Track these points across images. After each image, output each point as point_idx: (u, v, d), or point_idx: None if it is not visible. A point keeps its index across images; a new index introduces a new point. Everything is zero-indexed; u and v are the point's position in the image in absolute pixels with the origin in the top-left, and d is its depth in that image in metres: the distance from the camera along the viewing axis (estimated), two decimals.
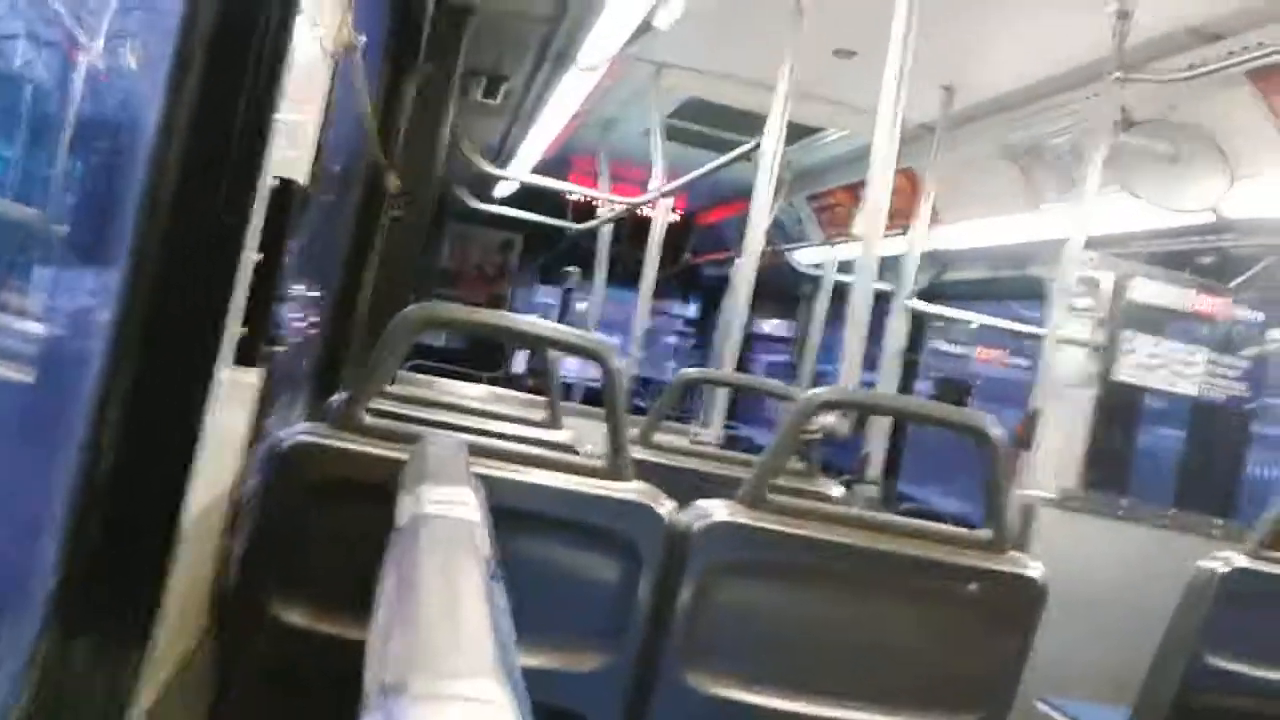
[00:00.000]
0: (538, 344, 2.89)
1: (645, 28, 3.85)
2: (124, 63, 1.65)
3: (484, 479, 1.65)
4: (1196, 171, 3.52)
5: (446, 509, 1.19)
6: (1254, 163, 3.40)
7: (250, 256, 1.48)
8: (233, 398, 1.60)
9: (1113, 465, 4.17)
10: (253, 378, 1.73)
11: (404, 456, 1.64)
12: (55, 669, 1.25)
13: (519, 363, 10.39)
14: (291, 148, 1.67)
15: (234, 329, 1.47)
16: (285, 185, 1.57)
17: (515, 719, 0.66)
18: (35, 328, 1.53)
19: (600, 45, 4.16)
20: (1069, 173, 4.23)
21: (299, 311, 3.08)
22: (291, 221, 1.60)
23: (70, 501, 1.30)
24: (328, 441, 1.80)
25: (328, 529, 1.79)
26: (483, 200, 7.56)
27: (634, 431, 2.43)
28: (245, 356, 1.53)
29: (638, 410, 3.84)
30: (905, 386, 5.75)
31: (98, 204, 1.62)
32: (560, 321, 8.11)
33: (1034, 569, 1.99)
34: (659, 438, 3.06)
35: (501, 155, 7.19)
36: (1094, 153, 3.43)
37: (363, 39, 2.09)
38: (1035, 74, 3.96)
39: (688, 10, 3.68)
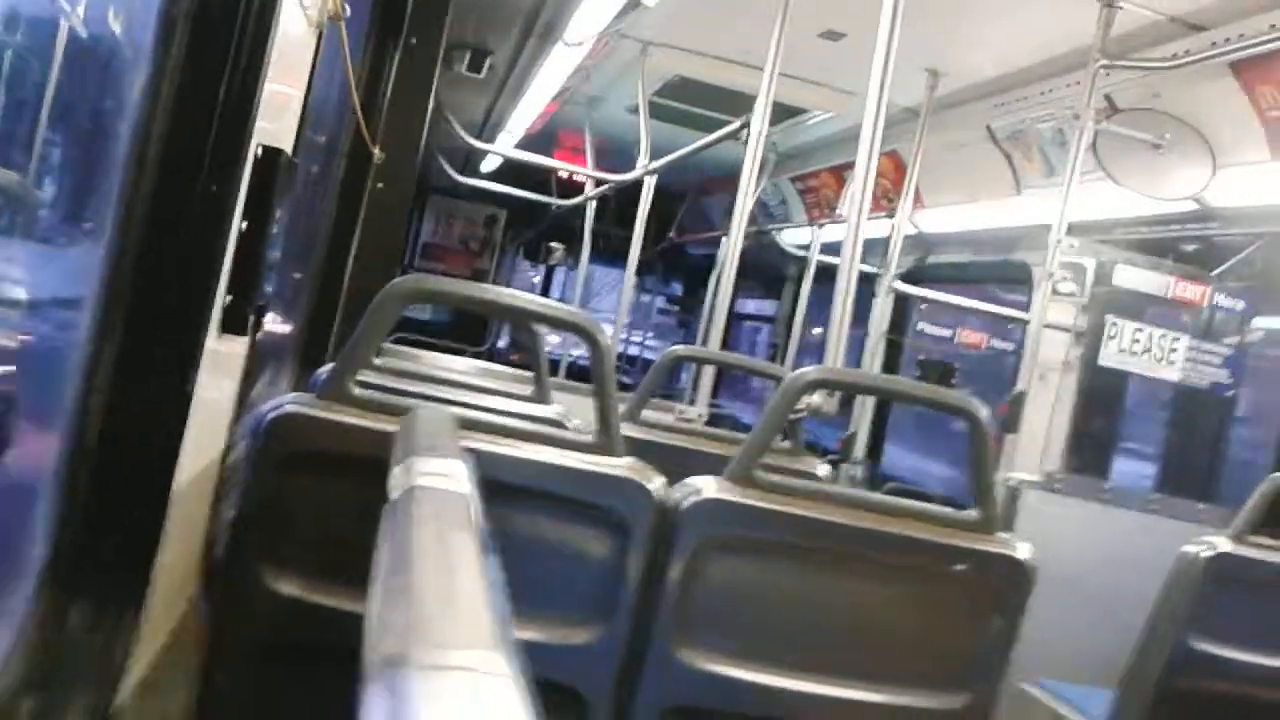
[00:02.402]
0: (526, 318, 2.87)
1: (633, 4, 3.83)
2: (108, 29, 1.62)
3: (473, 452, 1.64)
4: (1179, 160, 3.54)
5: (439, 481, 1.18)
6: (1237, 152, 3.43)
7: (237, 225, 1.47)
8: (220, 366, 1.59)
9: (1095, 449, 4.21)
10: (240, 347, 1.71)
11: (392, 428, 1.63)
12: (49, 637, 1.25)
13: (502, 338, 10.38)
14: (277, 118, 1.65)
15: (221, 297, 1.46)
16: (271, 154, 1.55)
17: (518, 690, 0.66)
18: (19, 293, 1.51)
19: (586, 21, 4.13)
20: (1052, 159, 4.24)
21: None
22: (278, 191, 1.59)
23: (61, 469, 1.29)
24: (316, 412, 1.79)
25: (316, 499, 1.78)
26: (467, 174, 7.52)
27: (621, 408, 2.42)
28: (232, 325, 1.52)
29: (623, 387, 3.84)
30: (889, 367, 5.78)
31: (82, 171, 1.60)
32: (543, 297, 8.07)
33: (1022, 550, 2.00)
34: (645, 414, 3.06)
35: (486, 130, 7.15)
36: (1077, 139, 3.44)
37: (348, 9, 2.07)
38: (1020, 60, 3.96)
39: None
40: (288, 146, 1.72)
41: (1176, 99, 3.48)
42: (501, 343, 10.54)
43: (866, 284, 3.85)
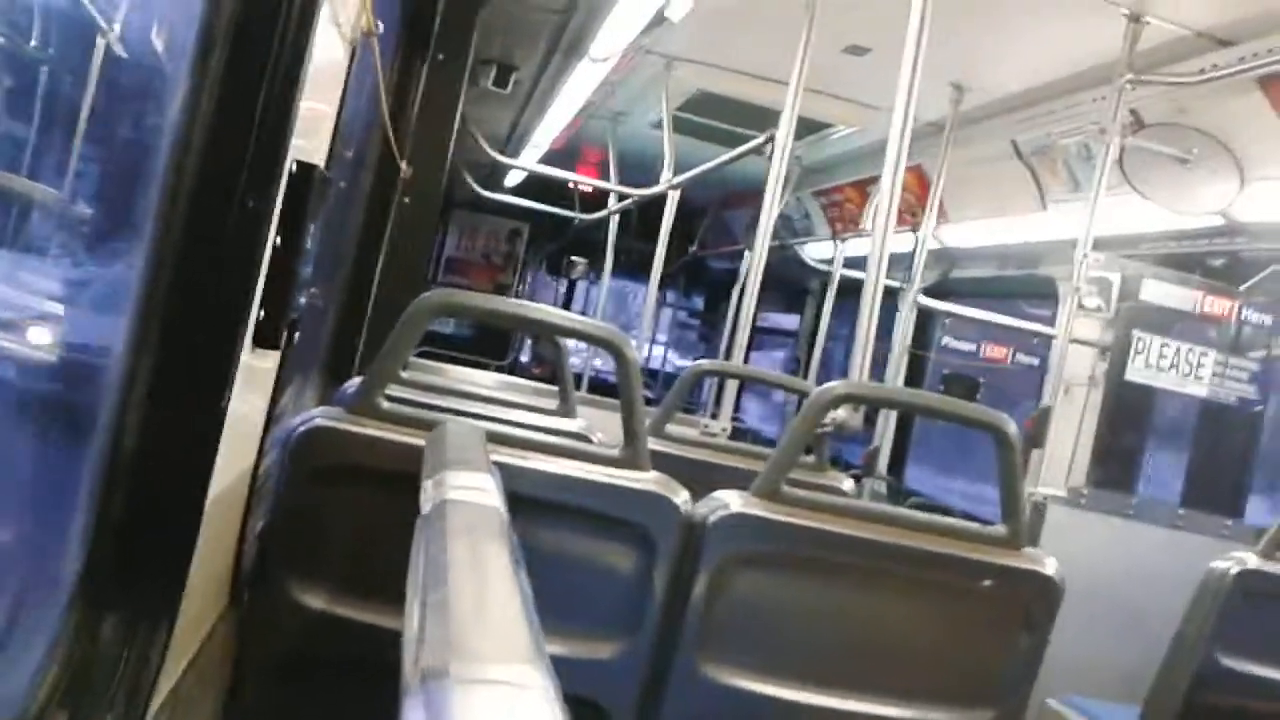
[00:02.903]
0: (553, 333, 2.89)
1: (657, 20, 3.85)
2: (148, 46, 1.65)
3: (501, 466, 1.65)
4: (1206, 174, 3.52)
5: (471, 495, 1.19)
6: (1265, 167, 3.41)
7: (271, 240, 1.48)
8: (252, 381, 1.60)
9: (1121, 464, 4.18)
10: (271, 361, 1.73)
11: (420, 442, 1.64)
12: (82, 647, 1.26)
13: (525, 352, 10.40)
14: (311, 134, 1.67)
15: (255, 312, 1.47)
16: (305, 170, 1.57)
17: (554, 703, 0.67)
18: (56, 309, 1.53)
19: (612, 37, 4.16)
20: (1077, 174, 4.23)
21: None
22: (311, 206, 1.60)
23: (96, 482, 1.30)
24: (345, 426, 1.81)
25: (345, 513, 1.79)
26: (491, 189, 7.56)
27: (645, 422, 2.43)
28: (265, 339, 1.54)
29: (646, 401, 3.84)
30: (912, 382, 5.76)
31: (120, 187, 1.62)
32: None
33: (1050, 566, 1.99)
34: (669, 428, 3.06)
35: (510, 144, 7.18)
36: (1103, 154, 3.43)
37: (380, 26, 2.09)
38: (1046, 75, 3.95)
39: (700, 4, 3.68)
40: (320, 162, 1.74)
41: (1203, 114, 3.46)
42: (524, 357, 10.57)
43: (890, 298, 3.84)
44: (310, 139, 1.66)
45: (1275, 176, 3.39)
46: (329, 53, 1.70)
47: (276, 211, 1.47)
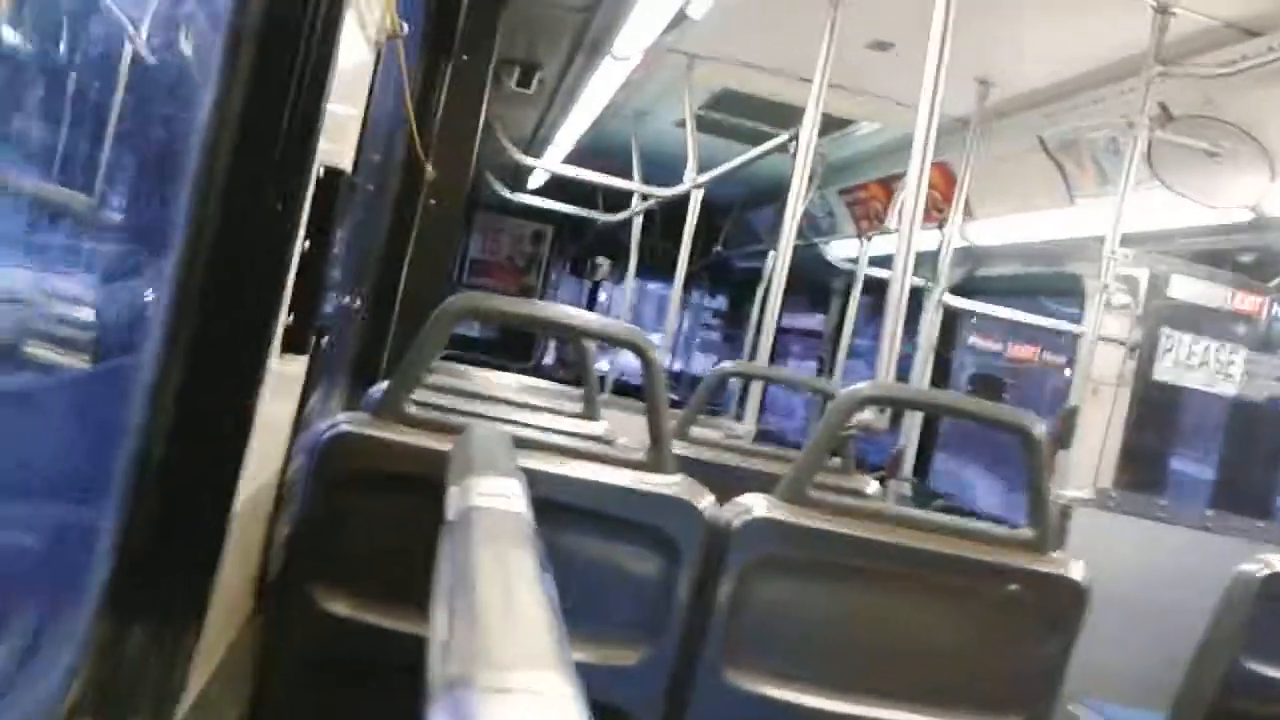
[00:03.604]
0: (579, 335, 2.89)
1: (680, 18, 3.85)
2: (176, 51, 1.65)
3: (525, 471, 1.65)
4: (1236, 168, 3.48)
5: (497, 501, 1.19)
6: None
7: (299, 246, 1.49)
8: (280, 386, 1.61)
9: (1149, 466, 4.13)
10: (298, 366, 1.74)
11: (446, 447, 1.64)
12: (110, 653, 1.27)
13: (548, 353, 10.41)
14: (337, 138, 1.67)
15: (283, 318, 1.48)
16: (332, 175, 1.58)
17: (580, 712, 0.67)
18: (86, 315, 1.54)
19: (634, 35, 4.15)
20: (1105, 168, 4.19)
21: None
22: (339, 211, 1.61)
23: (124, 488, 1.31)
24: (371, 431, 1.81)
25: (371, 518, 1.80)
26: (514, 190, 7.57)
27: (670, 424, 2.43)
28: (293, 345, 1.55)
29: (670, 403, 3.84)
30: (938, 382, 5.72)
31: (149, 193, 1.63)
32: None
33: (1077, 571, 1.97)
34: (693, 431, 3.05)
35: (534, 145, 7.19)
36: (1131, 148, 3.39)
37: (405, 28, 2.09)
38: (1072, 68, 3.92)
39: (722, 1, 3.67)
40: (347, 166, 1.75)
41: (1233, 106, 3.42)
42: (547, 359, 10.58)
43: (914, 297, 3.82)
44: (337, 143, 1.67)
45: None
46: (354, 56, 1.71)
47: (305, 216, 1.48)
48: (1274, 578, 2.33)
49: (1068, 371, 4.56)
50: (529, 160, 6.26)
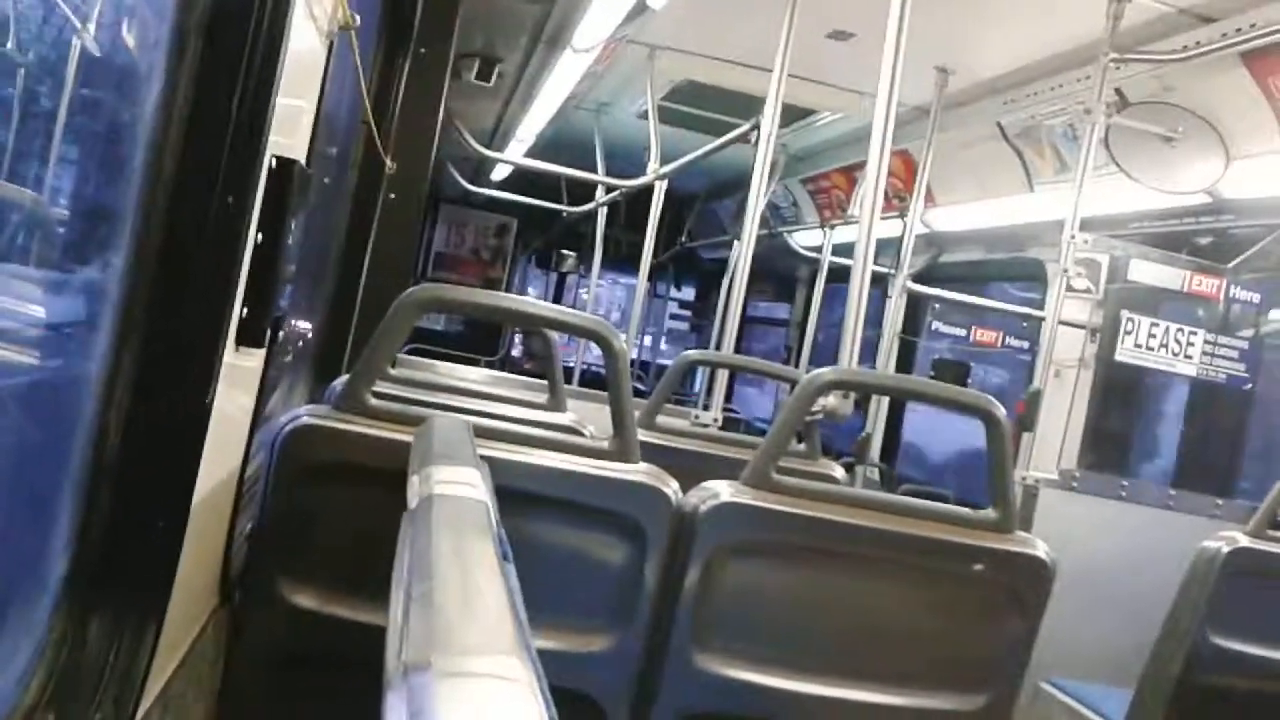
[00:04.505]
0: (542, 325, 2.88)
1: (639, 9, 3.84)
2: (120, 43, 1.63)
3: (490, 460, 1.65)
4: (1192, 153, 3.52)
5: (456, 489, 1.18)
6: (1250, 143, 3.41)
7: (252, 238, 1.47)
8: (237, 379, 1.59)
9: (1112, 446, 4.18)
10: (255, 360, 1.72)
11: (408, 438, 1.63)
12: (70, 651, 1.25)
13: (515, 347, 10.39)
14: (290, 129, 1.66)
15: (238, 310, 1.46)
16: (285, 166, 1.56)
17: (537, 696, 0.66)
18: (37, 311, 1.52)
19: (594, 27, 4.14)
20: (1064, 154, 4.23)
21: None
22: (293, 202, 1.59)
23: (80, 482, 1.29)
24: (332, 423, 1.80)
25: (333, 510, 1.79)
26: (477, 183, 7.54)
27: (636, 414, 2.43)
28: (249, 338, 1.53)
29: (637, 393, 3.84)
30: (903, 368, 5.76)
31: (97, 187, 1.61)
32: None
33: (1041, 549, 1.99)
34: (660, 419, 3.06)
35: (496, 138, 7.16)
36: (1089, 134, 3.42)
37: (358, 19, 2.07)
38: (1030, 55, 3.95)
39: None
40: (301, 157, 1.73)
41: (1188, 91, 3.46)
42: (515, 351, 10.56)
43: (879, 284, 3.84)
44: (289, 135, 1.65)
45: (1260, 153, 3.39)
46: (305, 47, 1.69)
47: (257, 208, 1.46)
48: (1237, 553, 2.37)
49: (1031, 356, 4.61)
50: (491, 154, 6.23)
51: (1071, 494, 3.29)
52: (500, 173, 8.04)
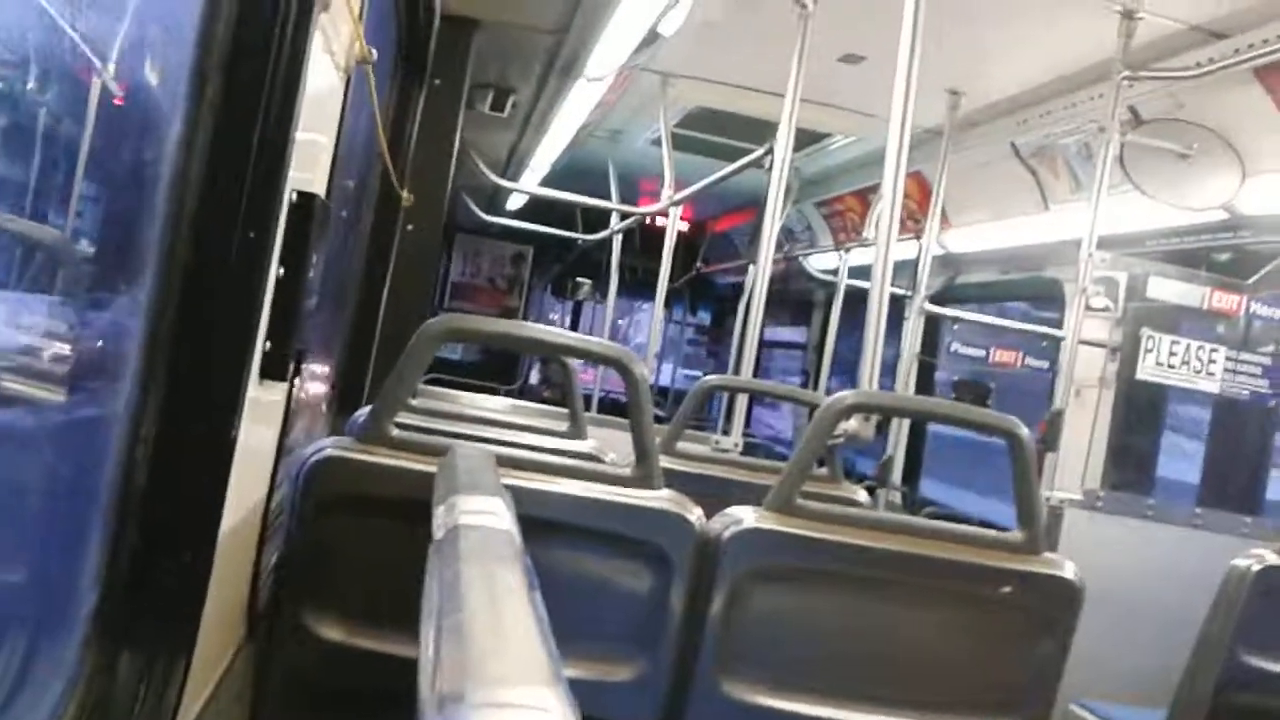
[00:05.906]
0: (559, 353, 2.88)
1: (652, 37, 3.86)
2: (141, 80, 1.65)
3: (512, 490, 1.64)
4: (1207, 169, 3.51)
5: (482, 519, 1.18)
6: (1266, 159, 3.40)
7: (274, 272, 1.48)
8: (261, 413, 1.60)
9: (1136, 465, 4.15)
10: (279, 393, 1.73)
11: (432, 469, 1.63)
12: (99, 685, 1.25)
13: (534, 375, 10.40)
14: (309, 164, 1.67)
15: (260, 344, 1.47)
16: (305, 200, 1.57)
17: None
18: (63, 349, 1.53)
19: (607, 56, 4.17)
20: (1078, 173, 4.22)
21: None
22: (313, 236, 1.60)
23: (108, 517, 1.30)
24: (355, 455, 1.80)
25: (358, 542, 1.79)
26: (493, 213, 7.57)
27: (656, 440, 2.43)
28: (272, 371, 1.54)
29: (656, 419, 3.83)
30: (922, 390, 5.73)
31: (120, 225, 1.62)
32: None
33: (1070, 570, 1.97)
34: (680, 445, 3.05)
35: (510, 168, 7.20)
36: (1103, 153, 3.42)
37: (374, 53, 2.09)
38: (1042, 75, 3.95)
39: (692, 19, 3.68)
40: (321, 191, 1.74)
41: (1202, 108, 3.45)
42: (533, 379, 10.58)
43: (896, 306, 3.82)
44: (309, 169, 1.66)
45: (1276, 168, 3.37)
46: (323, 82, 1.71)
47: (278, 243, 1.47)
48: (1267, 571, 2.34)
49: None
50: (506, 183, 6.26)
51: (1097, 514, 3.26)
52: (515, 202, 8.08)
